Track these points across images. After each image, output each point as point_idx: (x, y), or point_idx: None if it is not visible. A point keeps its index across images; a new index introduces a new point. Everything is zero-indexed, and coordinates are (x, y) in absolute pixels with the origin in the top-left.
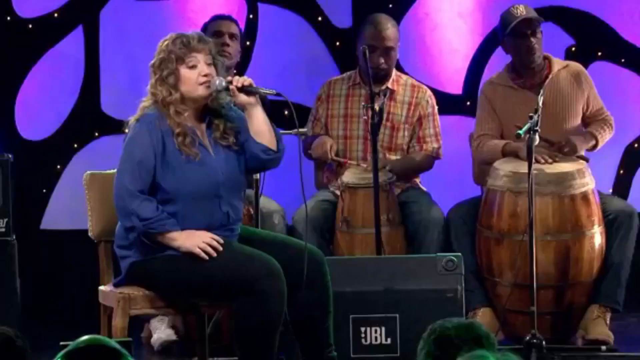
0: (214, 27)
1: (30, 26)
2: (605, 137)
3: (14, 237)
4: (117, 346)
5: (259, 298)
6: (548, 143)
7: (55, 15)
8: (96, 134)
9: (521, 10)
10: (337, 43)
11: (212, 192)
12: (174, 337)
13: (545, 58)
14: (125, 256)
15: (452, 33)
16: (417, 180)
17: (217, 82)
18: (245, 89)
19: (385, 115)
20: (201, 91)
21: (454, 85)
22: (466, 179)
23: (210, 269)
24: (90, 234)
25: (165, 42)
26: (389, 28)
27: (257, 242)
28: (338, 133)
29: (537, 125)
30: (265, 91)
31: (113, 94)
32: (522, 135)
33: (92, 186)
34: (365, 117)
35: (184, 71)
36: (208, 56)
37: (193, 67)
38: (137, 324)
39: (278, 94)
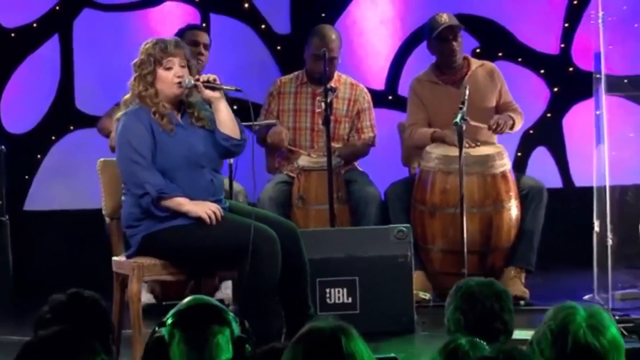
0: (190, 36)
1: (12, 35)
2: (518, 122)
3: (7, 217)
4: (218, 303)
5: (260, 260)
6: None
7: (35, 25)
8: (71, 128)
9: (445, 19)
10: (278, 47)
11: (195, 162)
12: (153, 300)
13: (465, 58)
14: (134, 233)
15: (375, 38)
16: (356, 163)
17: (187, 80)
18: (209, 85)
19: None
20: (175, 89)
21: (378, 82)
22: (393, 161)
23: (214, 236)
24: (103, 212)
25: (147, 46)
26: (334, 40)
27: (245, 215)
28: (288, 125)
29: (466, 115)
30: (226, 87)
31: (86, 93)
32: (460, 124)
33: (105, 171)
34: (319, 110)
35: (160, 72)
36: (183, 60)
37: (169, 68)
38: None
39: (238, 90)
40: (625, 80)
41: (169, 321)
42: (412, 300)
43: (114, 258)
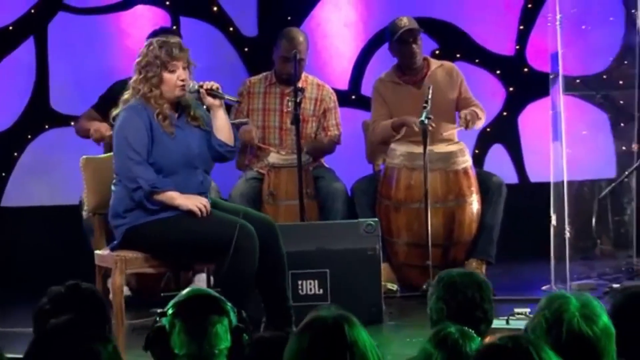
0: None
1: None
2: (483, 116)
3: None
4: (216, 294)
5: (239, 255)
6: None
7: (11, 28)
8: (46, 127)
9: (405, 22)
10: (246, 49)
11: (190, 162)
12: (128, 292)
13: (425, 59)
14: (119, 224)
15: (339, 40)
16: (322, 160)
17: (191, 84)
18: (212, 93)
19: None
20: (177, 92)
21: (341, 83)
22: (357, 158)
23: (196, 231)
24: (85, 207)
25: (152, 47)
26: (302, 43)
27: (226, 211)
28: (257, 124)
29: (430, 113)
30: (228, 97)
31: (60, 93)
32: (425, 122)
33: (87, 168)
34: (288, 110)
35: (165, 75)
36: (185, 63)
37: (173, 71)
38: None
39: (238, 101)
40: (578, 80)
41: (170, 311)
42: (381, 292)
43: (97, 252)
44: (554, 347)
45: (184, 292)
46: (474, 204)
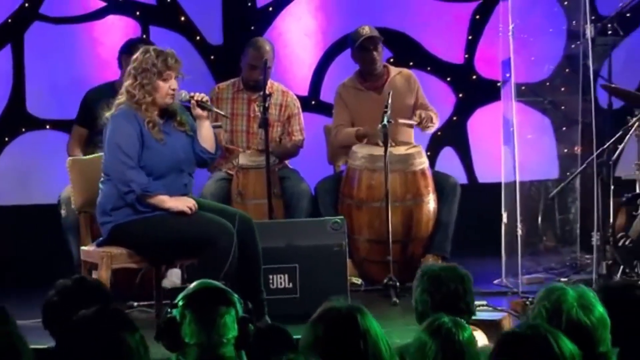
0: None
1: None
2: (436, 120)
3: None
4: (223, 286)
5: (219, 251)
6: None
7: None
8: (22, 130)
9: (366, 30)
10: (212, 57)
11: (177, 166)
12: None
13: (385, 66)
14: (105, 222)
15: (299, 48)
16: (287, 162)
17: (183, 94)
18: (201, 104)
19: None
20: (167, 100)
21: (302, 89)
22: (318, 160)
23: (179, 229)
24: (73, 206)
25: (148, 55)
26: (268, 51)
27: (205, 209)
28: (226, 128)
29: (390, 118)
30: (216, 110)
31: (36, 98)
32: (387, 126)
33: (74, 169)
34: (254, 115)
35: (159, 83)
36: (177, 73)
37: (166, 80)
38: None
39: (225, 116)
40: (524, 87)
41: (180, 303)
42: (347, 285)
43: (83, 247)
44: None
45: (193, 284)
46: (431, 202)
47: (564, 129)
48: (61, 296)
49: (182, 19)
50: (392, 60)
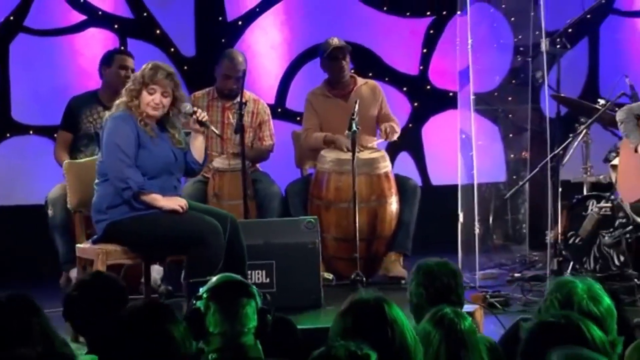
0: (120, 61)
1: None
2: (398, 130)
3: None
4: (244, 280)
5: (208, 248)
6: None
7: None
8: (7, 135)
9: (335, 42)
10: (185, 67)
11: (168, 169)
12: None
13: (352, 76)
14: (100, 220)
15: (267, 60)
16: (258, 165)
17: (188, 107)
18: (201, 122)
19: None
20: (150, 112)
21: (269, 98)
22: (286, 164)
23: (171, 227)
24: (69, 205)
25: (144, 67)
26: (241, 62)
27: (195, 209)
28: None
29: (358, 124)
30: (213, 129)
31: (20, 105)
32: (355, 132)
33: (70, 171)
34: (228, 122)
35: (144, 93)
36: (166, 90)
37: (151, 92)
38: (56, 274)
39: (218, 135)
40: (473, 97)
41: (205, 295)
42: (320, 281)
43: (78, 245)
44: None
45: (215, 278)
46: (394, 203)
47: (511, 135)
48: (80, 290)
49: (158, 32)
50: (352, 71)
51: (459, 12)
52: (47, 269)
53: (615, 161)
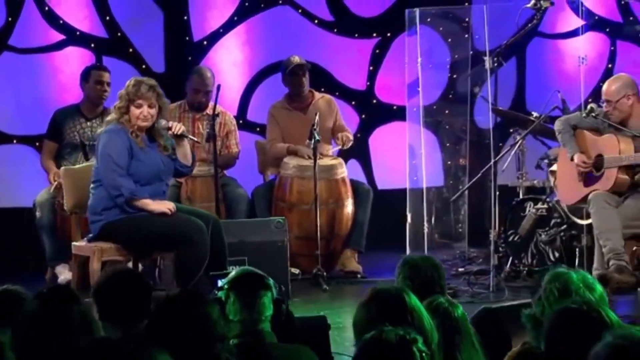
0: (96, 77)
1: None
2: (352, 139)
3: None
4: (261, 272)
5: (194, 246)
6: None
7: None
8: None
9: (297, 59)
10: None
11: (158, 176)
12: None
13: (310, 91)
14: (96, 221)
15: (229, 76)
16: (224, 171)
17: (163, 123)
18: (181, 134)
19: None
20: (140, 123)
21: (231, 110)
22: (248, 170)
23: (160, 227)
24: (65, 207)
25: (129, 83)
26: (209, 77)
27: (182, 211)
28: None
29: (319, 135)
30: (190, 137)
31: (4, 117)
32: (317, 141)
33: (66, 176)
34: (199, 131)
35: (132, 107)
36: (151, 102)
37: (138, 106)
38: (41, 270)
39: (197, 142)
40: (415, 109)
41: (225, 286)
42: (288, 275)
43: (74, 243)
44: None
45: (235, 271)
46: (349, 205)
47: (448, 144)
48: (108, 284)
49: (130, 50)
50: None
51: (406, 32)
52: (31, 266)
53: (554, 167)
